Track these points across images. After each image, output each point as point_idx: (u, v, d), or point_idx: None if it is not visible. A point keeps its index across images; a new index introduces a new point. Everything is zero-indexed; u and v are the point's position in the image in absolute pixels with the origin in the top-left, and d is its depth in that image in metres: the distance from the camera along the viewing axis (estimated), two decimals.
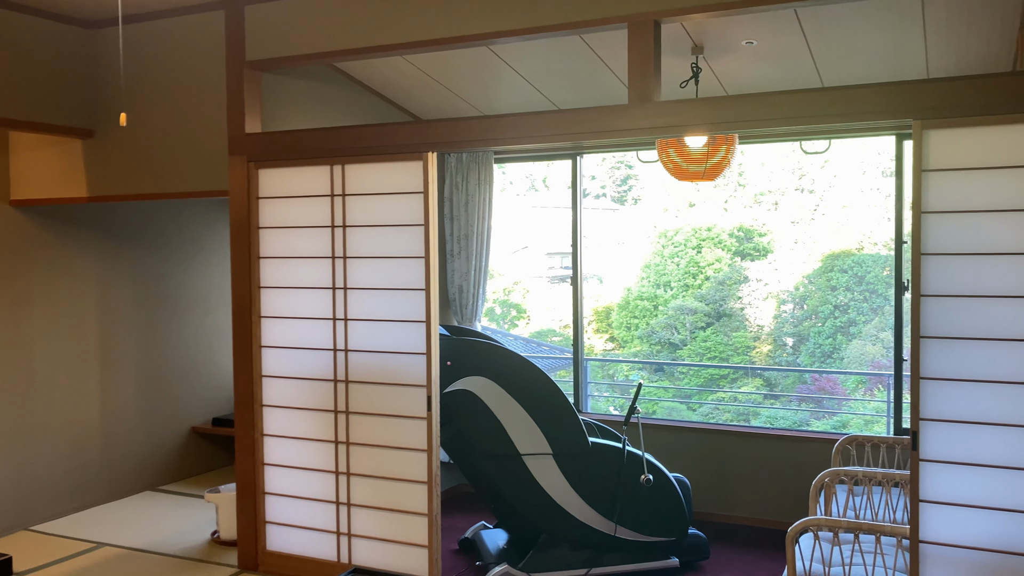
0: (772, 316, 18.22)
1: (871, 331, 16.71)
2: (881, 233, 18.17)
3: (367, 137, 4.02)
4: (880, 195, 18.59)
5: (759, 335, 18.20)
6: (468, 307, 5.68)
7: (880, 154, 18.69)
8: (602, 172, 22.21)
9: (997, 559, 3.00)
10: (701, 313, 18.38)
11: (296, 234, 4.23)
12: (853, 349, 16.71)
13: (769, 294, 18.32)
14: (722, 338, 18.08)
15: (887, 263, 17.36)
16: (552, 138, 3.64)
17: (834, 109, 3.19)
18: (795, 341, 17.89)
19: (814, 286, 17.89)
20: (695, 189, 20.26)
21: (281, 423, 4.30)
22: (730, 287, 18.55)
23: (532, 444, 4.20)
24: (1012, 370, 2.96)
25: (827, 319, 17.21)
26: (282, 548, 4.31)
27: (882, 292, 16.89)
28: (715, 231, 19.32)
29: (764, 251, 19.03)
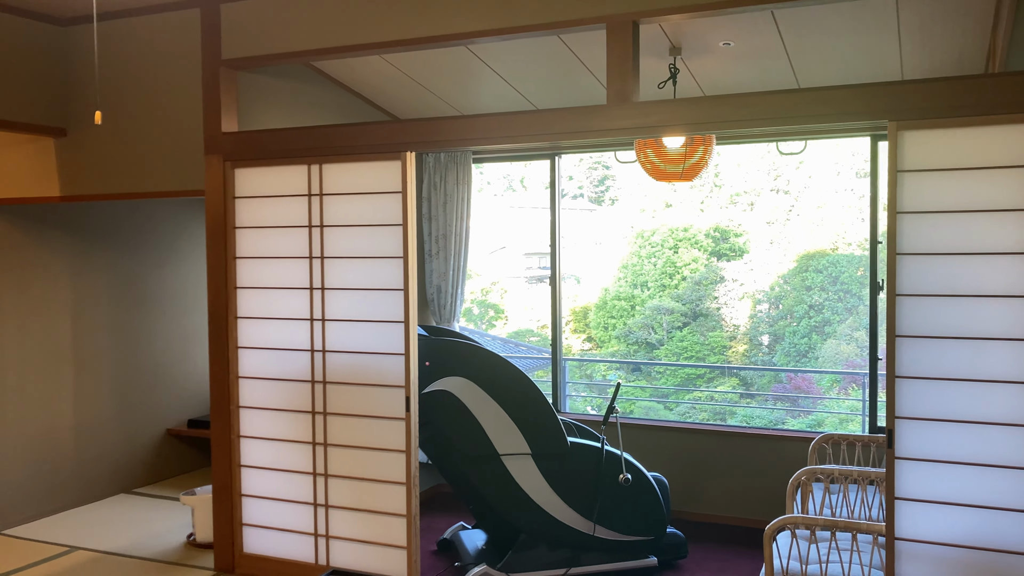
0: (748, 316, 18.35)
1: (845, 331, 16.88)
2: (855, 233, 18.36)
3: (345, 136, 4.00)
4: (854, 196, 18.78)
5: (735, 335, 18.32)
6: (446, 307, 5.67)
7: (854, 155, 18.87)
8: (579, 173, 22.26)
9: (971, 555, 3.04)
10: (678, 313, 18.47)
11: (273, 234, 4.20)
12: (828, 348, 16.87)
13: (745, 294, 18.45)
14: (698, 338, 18.18)
15: (861, 263, 17.54)
16: (531, 138, 3.64)
17: (810, 110, 3.21)
18: (770, 340, 18.03)
19: (789, 286, 18.04)
20: (672, 190, 20.36)
21: (258, 424, 4.27)
22: (706, 287, 18.66)
23: (511, 444, 4.20)
24: (986, 368, 2.99)
25: (802, 319, 17.35)
26: (259, 550, 4.28)
27: (856, 292, 17.06)
28: (691, 231, 19.43)
29: (740, 251, 19.16)
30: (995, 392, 2.98)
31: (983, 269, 2.98)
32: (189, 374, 6.26)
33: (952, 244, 3.02)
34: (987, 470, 3.00)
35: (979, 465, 3.01)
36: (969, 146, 2.99)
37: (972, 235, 2.99)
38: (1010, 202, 2.94)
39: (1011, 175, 2.94)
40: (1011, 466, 2.97)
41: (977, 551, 3.03)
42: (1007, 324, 2.96)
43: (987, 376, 2.99)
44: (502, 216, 22.44)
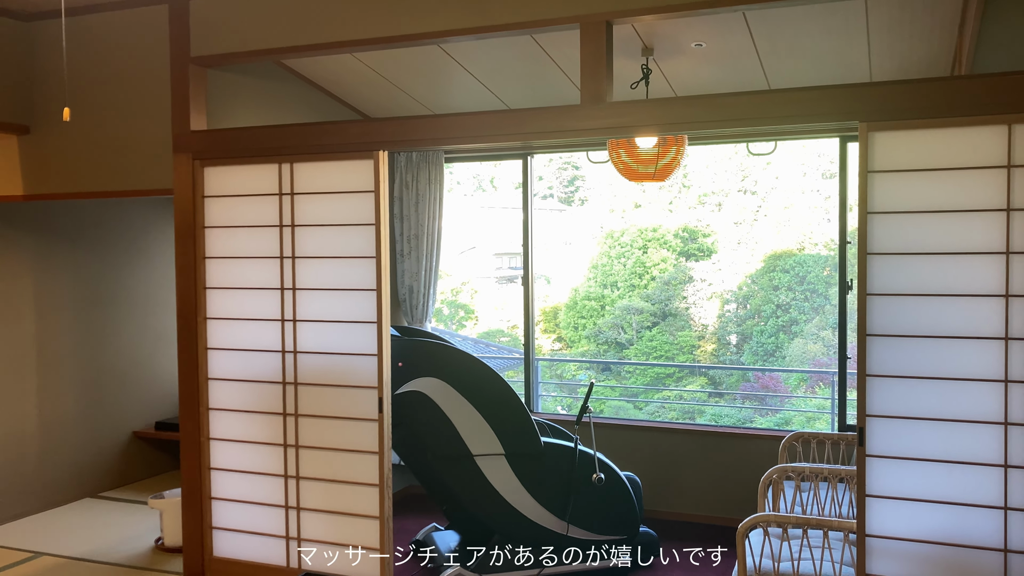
0: (716, 315, 18.50)
1: (812, 330, 17.07)
2: (821, 234, 18.58)
3: (316, 135, 3.97)
4: (820, 197, 19.01)
5: (704, 334, 18.46)
6: (419, 308, 5.64)
7: (820, 156, 19.10)
8: (549, 173, 22.29)
9: (940, 551, 3.08)
10: (647, 313, 18.57)
11: (243, 234, 4.15)
12: (795, 348, 17.05)
13: (713, 294, 18.59)
14: (668, 337, 18.29)
15: (827, 263, 17.76)
16: (505, 137, 3.63)
17: (782, 111, 3.24)
18: (738, 340, 18.19)
19: (757, 286, 18.21)
20: (641, 190, 20.47)
21: (228, 426, 4.22)
22: (675, 287, 18.78)
23: (484, 445, 4.19)
24: (955, 366, 3.04)
25: (769, 318, 17.52)
26: (230, 554, 4.22)
27: (822, 292, 17.27)
28: (660, 232, 19.54)
29: (708, 251, 19.31)
30: (964, 390, 3.03)
31: (952, 269, 3.03)
32: (157, 376, 6.17)
33: (921, 244, 3.06)
34: (956, 467, 3.05)
35: (948, 462, 3.06)
36: (938, 147, 3.03)
37: (941, 235, 3.03)
38: (978, 203, 2.99)
39: (978, 176, 2.98)
40: (979, 463, 3.02)
41: (946, 547, 3.07)
42: (975, 323, 3.00)
43: (956, 374, 3.03)
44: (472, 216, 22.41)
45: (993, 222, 2.98)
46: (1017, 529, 2.99)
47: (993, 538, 3.02)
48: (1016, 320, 2.96)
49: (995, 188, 2.97)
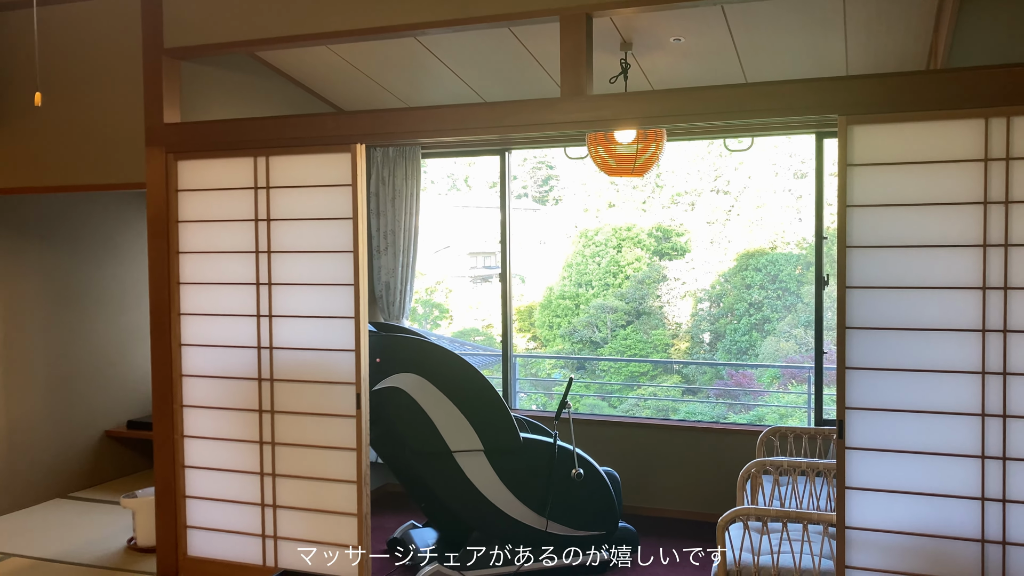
0: (690, 314, 18.60)
1: (785, 328, 17.21)
2: (793, 233, 18.75)
3: (293, 128, 3.92)
4: (792, 196, 19.18)
5: (677, 332, 18.56)
6: (395, 304, 5.60)
7: (792, 156, 19.27)
8: (523, 173, 22.29)
9: (919, 542, 3.10)
10: (621, 311, 18.63)
11: (218, 228, 4.09)
12: (768, 345, 17.19)
13: (687, 292, 18.69)
14: (642, 336, 18.37)
15: (799, 262, 17.91)
16: (485, 130, 3.60)
17: (761, 104, 3.24)
18: (712, 338, 18.30)
19: (730, 284, 18.33)
20: (615, 190, 20.53)
21: (203, 424, 4.15)
22: (649, 286, 18.85)
23: (463, 441, 4.16)
24: (932, 358, 3.06)
25: (742, 316, 17.64)
26: (204, 553, 4.16)
27: (794, 290, 17.42)
28: (634, 231, 19.61)
29: (682, 250, 19.41)
30: (942, 382, 3.05)
31: (930, 261, 3.05)
32: (128, 374, 6.08)
33: (900, 237, 3.08)
34: (934, 458, 3.07)
35: (927, 454, 3.08)
36: (916, 141, 3.04)
37: (919, 228, 3.05)
38: (955, 196, 3.01)
39: (956, 169, 3.01)
40: (957, 454, 3.04)
41: (924, 538, 3.09)
42: (953, 315, 3.03)
43: (934, 366, 3.05)
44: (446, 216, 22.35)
45: (970, 215, 3.00)
46: (993, 519, 3.01)
47: (970, 528, 3.04)
48: (993, 312, 2.99)
49: (972, 181, 2.99)
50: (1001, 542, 3.01)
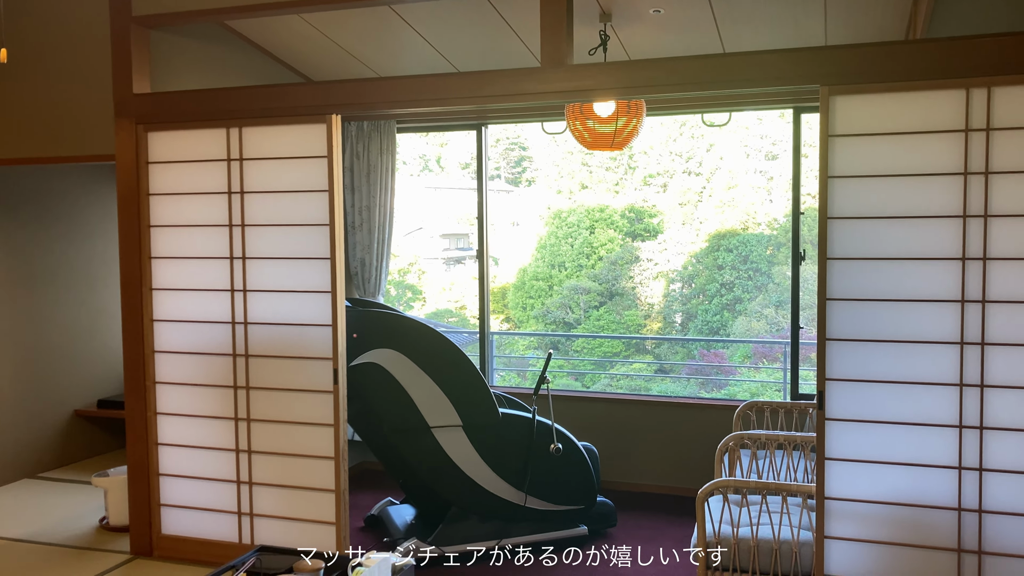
0: (662, 295, 18.68)
1: (756, 308, 17.35)
2: (764, 214, 18.87)
3: (266, 98, 3.83)
4: (763, 177, 19.28)
5: (650, 313, 18.64)
6: (371, 281, 5.54)
7: (763, 138, 19.36)
8: (496, 153, 22.17)
9: (896, 511, 3.12)
10: (594, 292, 18.67)
11: (190, 201, 4.00)
12: (739, 325, 17.32)
13: (659, 273, 18.76)
14: (615, 316, 18.43)
15: (770, 242, 18.03)
16: (463, 100, 3.55)
17: (743, 74, 3.22)
18: (684, 318, 18.41)
19: (702, 265, 18.42)
20: (588, 171, 20.51)
21: (176, 401, 4.08)
22: (622, 267, 18.90)
23: (442, 416, 4.13)
24: (912, 329, 3.07)
25: (714, 297, 17.75)
26: (179, 531, 4.10)
27: (765, 270, 17.54)
28: (607, 212, 19.62)
29: (654, 231, 19.46)
30: (921, 353, 3.06)
31: (911, 233, 3.05)
32: (98, 352, 5.96)
33: (881, 208, 3.08)
34: (913, 428, 3.09)
35: (905, 424, 3.09)
36: (898, 111, 3.04)
37: (900, 199, 3.05)
38: (937, 167, 3.01)
39: (937, 140, 3.01)
40: (936, 424, 3.06)
41: (902, 507, 3.11)
42: (933, 286, 3.04)
43: (914, 337, 3.07)
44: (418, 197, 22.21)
45: (951, 186, 3.01)
46: (970, 488, 3.04)
47: (947, 497, 3.07)
48: (972, 283, 3.00)
49: (953, 153, 3.00)
50: (977, 510, 3.04)
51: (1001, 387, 2.99)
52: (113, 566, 3.98)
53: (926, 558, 3.10)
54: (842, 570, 3.20)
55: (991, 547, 3.03)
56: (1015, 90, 2.93)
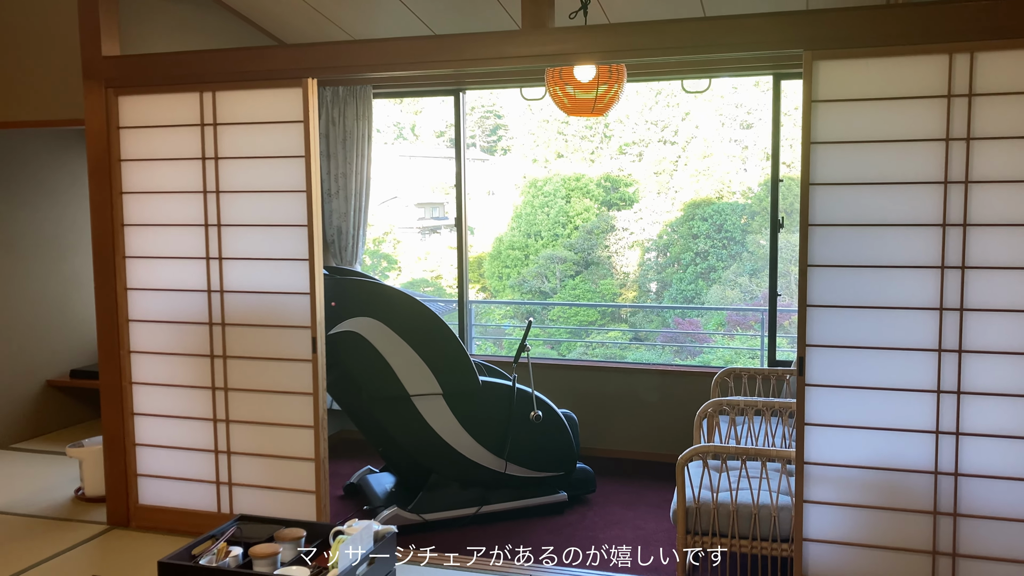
0: (637, 264, 18.74)
1: (730, 276, 17.46)
2: (739, 183, 18.93)
3: (241, 61, 3.74)
4: (738, 146, 19.32)
5: (625, 282, 18.71)
6: (348, 249, 5.48)
7: (739, 107, 19.36)
8: (471, 122, 22.00)
9: (874, 475, 3.16)
10: (570, 262, 18.69)
11: (164, 167, 3.91)
12: (713, 294, 17.43)
13: (635, 242, 18.80)
14: (590, 286, 18.48)
15: (745, 211, 18.11)
16: (443, 64, 3.49)
17: (726, 38, 3.18)
18: (659, 287, 18.49)
19: (677, 234, 18.48)
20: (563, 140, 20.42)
21: (152, 370, 4.02)
22: (598, 236, 18.92)
23: (422, 384, 4.11)
24: (892, 296, 3.08)
25: (688, 266, 17.84)
26: (157, 501, 4.07)
27: (739, 239, 17.63)
28: (583, 181, 19.59)
29: (630, 201, 19.47)
30: (901, 319, 3.08)
31: (892, 199, 3.05)
32: (70, 322, 5.87)
33: (863, 174, 3.07)
34: (892, 394, 3.11)
35: (885, 389, 3.12)
36: (882, 77, 3.02)
37: (882, 165, 3.05)
38: (919, 133, 3.01)
39: (920, 106, 3.00)
40: (915, 389, 3.08)
41: (880, 471, 3.15)
42: (914, 252, 3.04)
43: (894, 303, 3.08)
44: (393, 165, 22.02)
45: (932, 152, 3.00)
46: (947, 452, 3.08)
47: (925, 461, 3.10)
48: (952, 249, 3.01)
49: (935, 118, 2.99)
50: (954, 473, 3.08)
51: (979, 352, 3.01)
52: (90, 536, 3.94)
53: (903, 520, 3.14)
54: (821, 534, 3.24)
55: (966, 509, 3.08)
56: (997, 56, 2.92)
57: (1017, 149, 2.92)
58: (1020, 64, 2.90)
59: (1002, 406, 3.01)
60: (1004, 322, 2.98)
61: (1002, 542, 3.05)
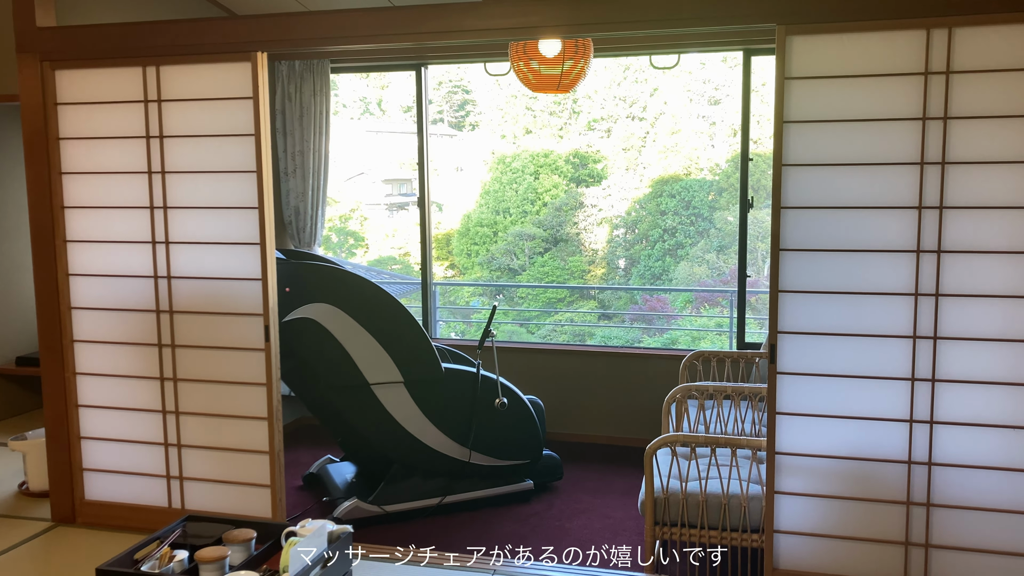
0: (606, 240, 18.69)
1: (698, 253, 17.47)
2: (707, 159, 18.91)
3: (186, 34, 3.53)
4: (705, 123, 19.27)
5: (594, 259, 18.67)
6: (306, 230, 5.29)
7: (706, 83, 19.28)
8: (439, 97, 21.69)
9: (846, 465, 3.07)
10: (539, 239, 18.59)
11: (106, 146, 3.70)
12: (681, 270, 17.43)
13: (603, 219, 18.74)
14: (559, 263, 18.41)
15: (712, 188, 18.09)
16: (399, 38, 3.30)
17: (696, 12, 3.04)
18: (627, 264, 18.47)
19: (645, 211, 18.44)
20: (532, 116, 20.23)
21: (97, 360, 3.83)
22: (566, 213, 18.83)
23: (382, 372, 3.96)
24: (867, 281, 2.98)
25: (656, 242, 17.82)
26: (104, 497, 3.89)
27: (707, 216, 17.63)
28: (552, 157, 19.47)
29: (599, 177, 19.39)
30: (876, 305, 2.98)
31: (867, 180, 2.94)
32: (15, 307, 5.62)
33: (838, 154, 2.96)
34: (866, 382, 3.02)
35: (858, 377, 3.02)
36: (857, 53, 2.90)
37: (858, 145, 2.94)
38: (895, 112, 2.89)
39: (897, 84, 2.88)
40: (889, 377, 2.99)
41: (853, 461, 3.06)
42: (889, 236, 2.94)
43: (869, 289, 2.98)
44: (359, 141, 21.69)
45: (909, 132, 2.89)
46: (921, 441, 3.00)
47: (898, 450, 3.02)
48: (928, 233, 2.91)
49: (912, 96, 2.88)
50: (927, 463, 3.00)
51: (954, 339, 2.93)
52: (33, 535, 3.76)
53: (876, 511, 3.06)
54: (792, 525, 3.15)
55: (939, 499, 3.01)
56: (975, 31, 2.81)
57: (995, 129, 2.82)
58: (999, 40, 2.80)
59: (977, 394, 2.93)
60: (981, 308, 2.90)
61: (975, 532, 2.98)
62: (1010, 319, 2.87)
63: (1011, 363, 2.89)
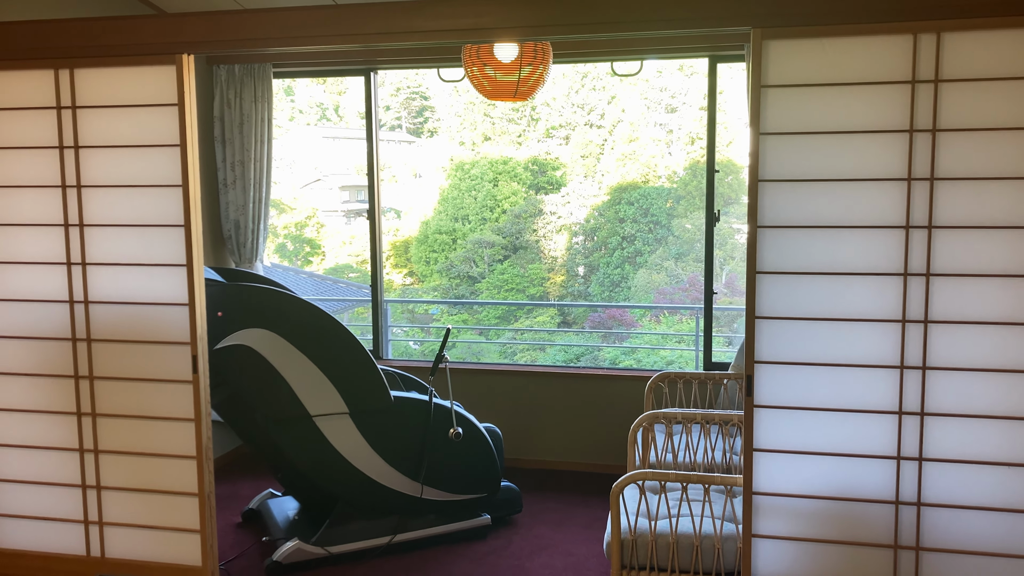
0: (565, 248, 18.54)
1: (656, 260, 17.38)
2: (665, 167, 18.87)
3: (104, 33, 3.18)
4: (663, 130, 19.24)
5: (553, 266, 18.50)
6: (247, 245, 4.94)
7: (663, 91, 19.25)
8: (396, 103, 21.37)
9: (830, 506, 2.83)
10: (499, 246, 18.38)
11: (12, 157, 3.33)
12: (640, 278, 17.33)
13: (562, 226, 18.60)
14: (519, 270, 18.21)
15: (670, 195, 18.03)
16: (342, 39, 3.00)
17: (665, 14, 2.78)
18: (586, 271, 18.33)
19: (604, 218, 18.33)
20: (490, 122, 20.02)
21: (7, 394, 3.45)
22: (526, 220, 18.66)
23: (324, 403, 3.63)
24: (851, 306, 2.74)
25: (615, 250, 17.70)
26: (13, 544, 3.50)
27: (665, 223, 17.56)
28: (511, 164, 19.29)
29: (557, 184, 19.26)
30: (860, 332, 2.74)
31: (851, 196, 2.70)
32: None
33: (820, 169, 2.72)
34: (850, 416, 2.78)
35: (842, 411, 2.78)
36: (840, 59, 2.67)
37: (842, 159, 2.70)
38: (881, 123, 2.66)
39: (882, 92, 2.65)
40: (874, 410, 2.76)
41: (837, 502, 2.82)
42: (874, 258, 2.71)
43: (853, 315, 2.74)
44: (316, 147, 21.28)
45: (895, 145, 2.67)
46: (909, 479, 2.77)
47: (885, 490, 2.79)
48: (915, 255, 2.69)
49: (899, 106, 2.65)
50: (916, 503, 2.77)
51: (944, 369, 2.70)
52: None
53: (861, 555, 2.82)
54: (771, 570, 2.90)
55: (929, 542, 2.78)
56: (966, 36, 2.59)
57: (988, 142, 2.60)
58: (991, 47, 2.58)
59: (969, 428, 2.71)
60: (973, 335, 2.67)
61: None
62: (1006, 347, 2.65)
63: (1008, 394, 2.67)
